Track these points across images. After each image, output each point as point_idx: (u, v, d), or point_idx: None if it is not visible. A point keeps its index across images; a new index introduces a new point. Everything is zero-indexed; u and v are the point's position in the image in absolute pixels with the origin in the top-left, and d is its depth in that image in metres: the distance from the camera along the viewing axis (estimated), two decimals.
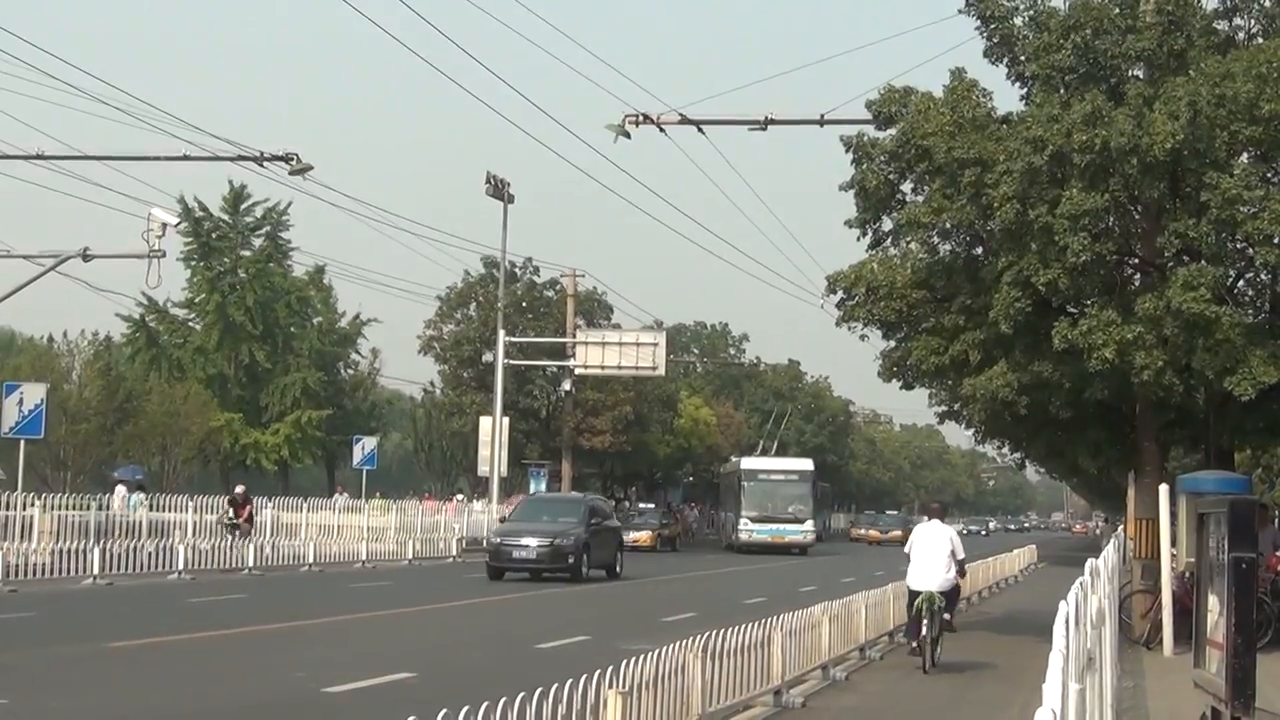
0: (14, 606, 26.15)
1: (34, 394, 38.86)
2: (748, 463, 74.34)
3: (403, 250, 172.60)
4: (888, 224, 26.65)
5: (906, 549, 22.12)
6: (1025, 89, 25.31)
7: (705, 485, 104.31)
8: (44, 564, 32.51)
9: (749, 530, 69.38)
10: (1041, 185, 22.76)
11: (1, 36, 74.92)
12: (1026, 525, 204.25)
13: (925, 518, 23.12)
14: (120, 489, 43.10)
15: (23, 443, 39.26)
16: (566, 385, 72.57)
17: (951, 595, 21.75)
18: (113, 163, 40.01)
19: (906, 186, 26.14)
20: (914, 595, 21.26)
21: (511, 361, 69.08)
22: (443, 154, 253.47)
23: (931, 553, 21.36)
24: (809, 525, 70.50)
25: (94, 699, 15.68)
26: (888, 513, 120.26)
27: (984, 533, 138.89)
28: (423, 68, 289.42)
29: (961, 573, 22.97)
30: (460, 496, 66.34)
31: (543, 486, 69.39)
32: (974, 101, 24.60)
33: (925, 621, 20.96)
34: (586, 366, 69.81)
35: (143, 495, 42.25)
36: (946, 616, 21.52)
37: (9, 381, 44.10)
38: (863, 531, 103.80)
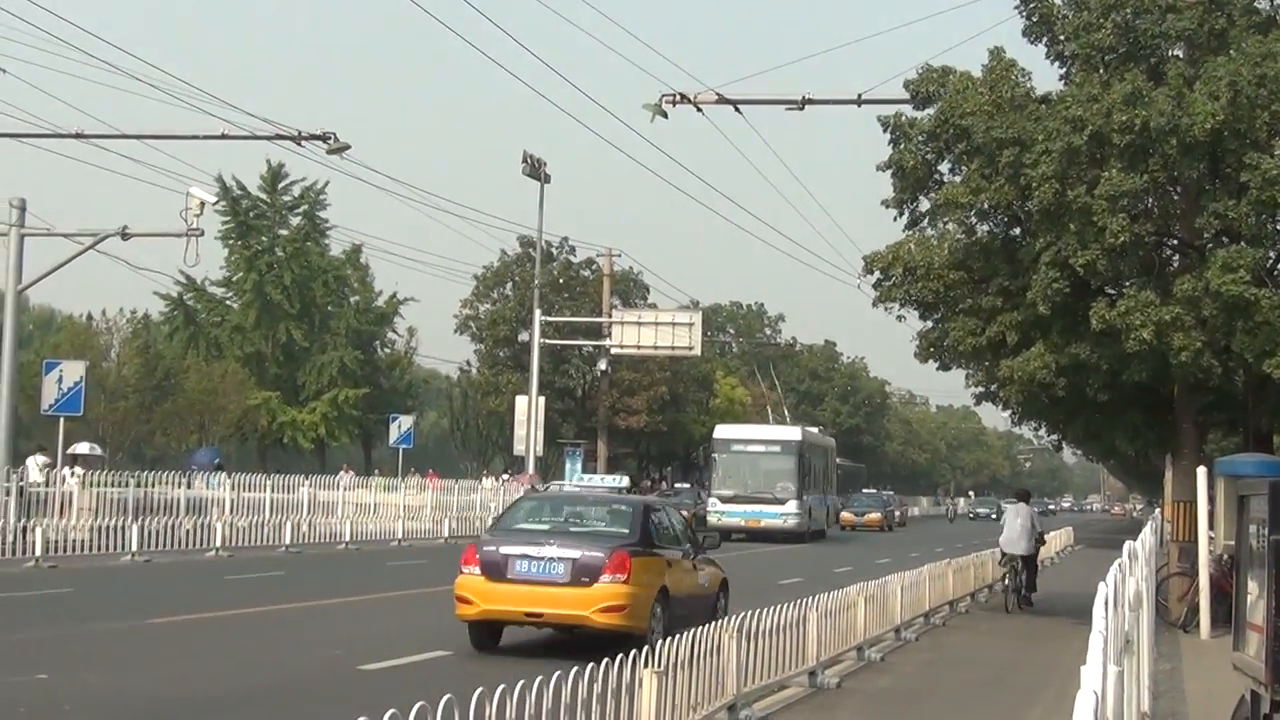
0: (53, 582, 26.29)
1: (73, 372, 38.95)
2: (722, 430, 62.58)
3: (440, 229, 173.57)
4: (925, 204, 26.57)
5: (1001, 522, 30.96)
6: (1064, 69, 25.21)
7: None
8: (83, 540, 32.67)
9: (718, 512, 56.92)
10: (1080, 166, 22.66)
11: (41, 16, 75.01)
12: (1051, 507, 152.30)
13: (1014, 499, 32.23)
14: (202, 473, 43.47)
15: (62, 420, 39.39)
16: (602, 365, 72.58)
17: (1031, 562, 29.57)
18: (151, 141, 40.05)
19: (944, 166, 26.05)
20: (1005, 557, 29.23)
21: (547, 341, 69.11)
22: (480, 133, 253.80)
23: (1018, 526, 29.05)
24: (791, 507, 56.78)
25: (132, 674, 15.77)
26: (864, 491, 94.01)
27: (994, 515, 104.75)
28: (461, 46, 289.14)
29: (1041, 541, 30.83)
30: (506, 476, 66.30)
31: (578, 466, 69.17)
32: (1013, 81, 24.48)
33: (1012, 576, 28.93)
34: (622, 346, 69.78)
35: (224, 475, 42.56)
36: (1027, 592, 29.16)
37: (49, 359, 44.31)
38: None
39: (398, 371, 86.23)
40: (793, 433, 62.69)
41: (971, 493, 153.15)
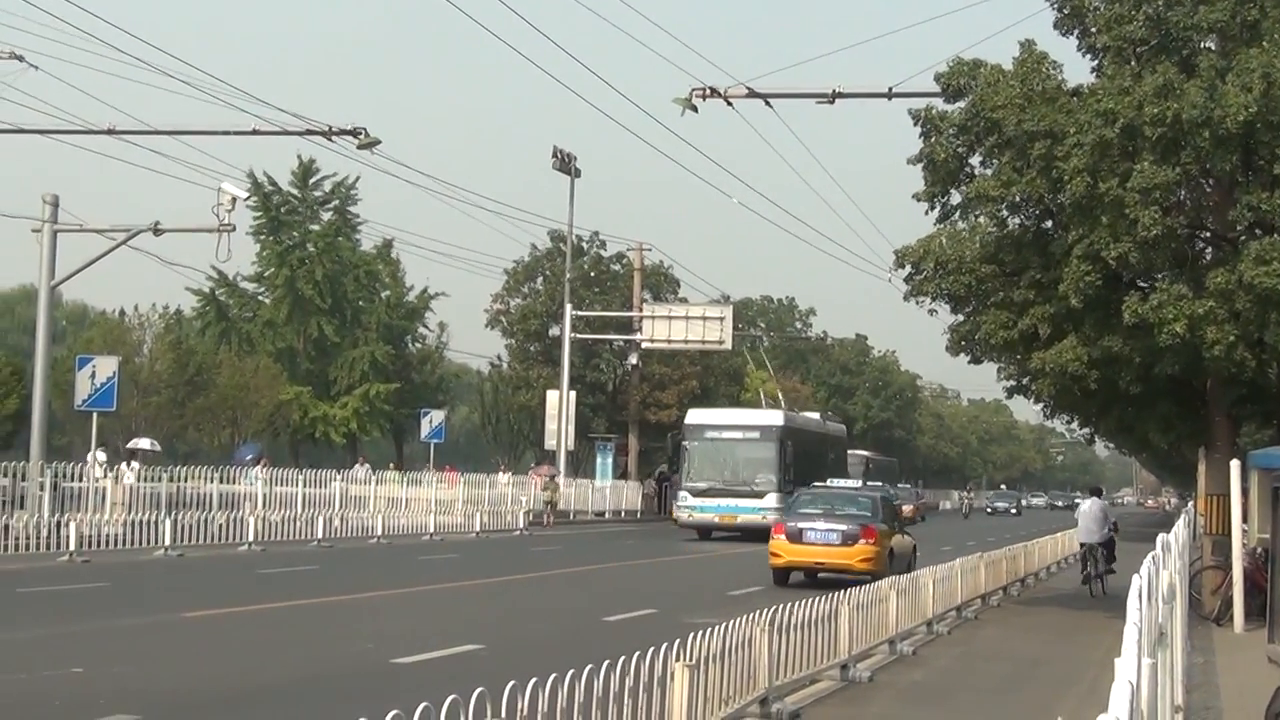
0: (87, 577, 26.42)
1: (106, 367, 39.12)
2: (694, 415, 56.02)
3: (471, 224, 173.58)
4: (956, 197, 26.49)
5: (1076, 515, 34.96)
6: (1096, 61, 25.13)
7: None
8: (116, 535, 32.85)
9: (688, 508, 51.74)
10: (1112, 158, 22.58)
11: (71, 12, 75.37)
12: (1079, 501, 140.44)
13: (1087, 493, 39.36)
14: (250, 468, 43.67)
15: (95, 415, 39.58)
16: (633, 359, 72.60)
17: (1109, 545, 32.97)
18: (183, 137, 40.19)
19: (975, 160, 25.98)
20: (1083, 546, 33.30)
21: (578, 335, 69.20)
22: (510, 128, 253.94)
23: (1092, 518, 33.03)
24: (771, 501, 49.86)
25: (165, 668, 15.84)
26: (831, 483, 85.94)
27: (1014, 510, 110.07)
28: (491, 41, 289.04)
29: (1115, 529, 34.28)
30: (550, 472, 66.27)
31: (609, 461, 69.50)
32: (1044, 74, 24.40)
33: (1090, 563, 32.66)
34: (653, 340, 69.80)
35: (261, 469, 42.74)
36: (1105, 569, 32.28)
37: (82, 355, 44.45)
38: None
39: (429, 366, 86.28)
40: (773, 417, 56.03)
41: (1004, 485, 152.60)
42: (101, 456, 37.60)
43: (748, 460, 51.97)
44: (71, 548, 29.75)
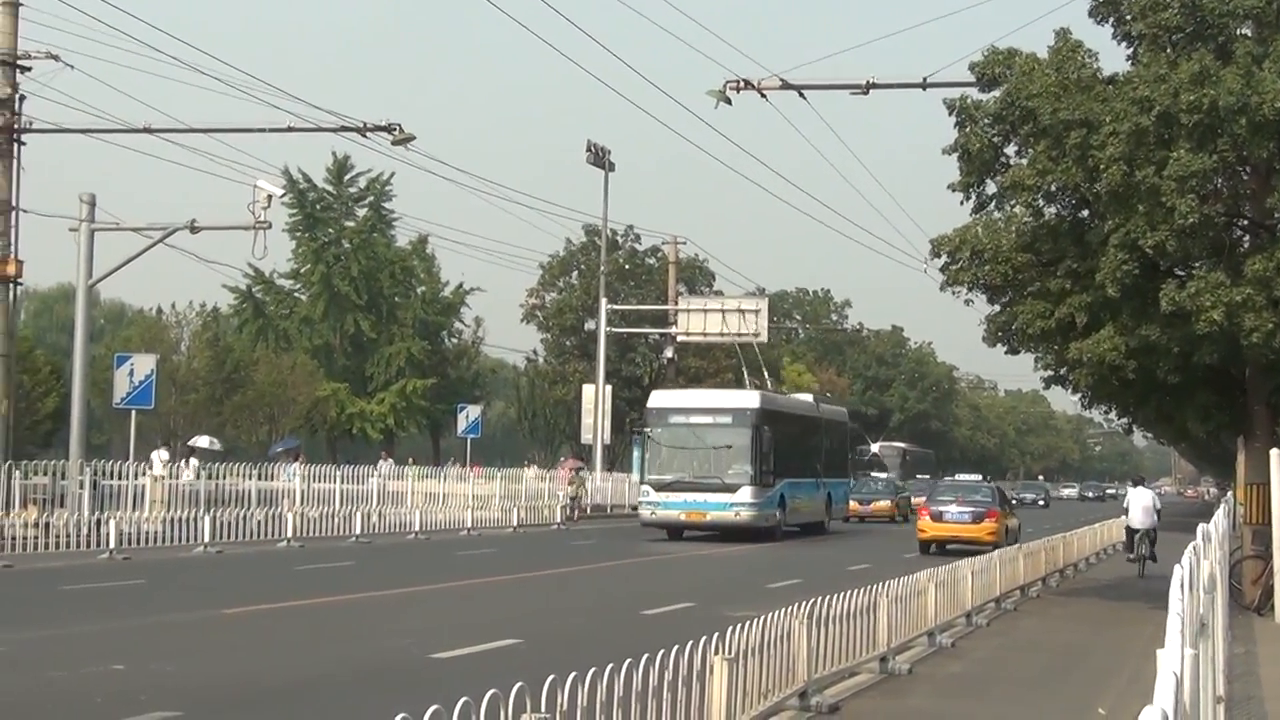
0: (127, 574, 26.55)
1: (144, 365, 39.36)
2: (658, 398, 48.62)
3: (505, 219, 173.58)
4: (992, 187, 26.39)
5: (1125, 504, 37.44)
6: (1131, 49, 25.00)
7: None
8: (156, 532, 33.00)
9: (651, 504, 44.92)
10: (1148, 146, 22.46)
11: (107, 11, 75.62)
12: (1111, 491, 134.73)
13: (1131, 483, 44.00)
14: (290, 464, 43.82)
15: (134, 413, 39.81)
16: (669, 352, 72.56)
17: (1153, 532, 35.67)
18: (218, 135, 40.31)
19: (1010, 149, 25.87)
20: (1130, 531, 35.96)
21: (614, 329, 69.21)
22: (544, 122, 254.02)
23: (1140, 506, 35.66)
24: (745, 495, 43.90)
25: (206, 663, 15.91)
26: (872, 475, 78.96)
27: (1041, 502, 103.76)
28: (524, 35, 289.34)
29: (1158, 514, 36.59)
30: (576, 466, 66.32)
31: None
32: (1079, 62, 24.29)
33: (1140, 546, 35.22)
34: (688, 333, 69.72)
35: (299, 465, 42.91)
36: (1149, 555, 34.85)
37: (120, 353, 44.73)
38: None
39: (465, 361, 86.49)
40: (747, 399, 47.74)
41: (1041, 476, 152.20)
42: (165, 455, 38.10)
43: (719, 448, 44.69)
44: (111, 545, 29.90)
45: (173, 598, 23.33)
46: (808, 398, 59.29)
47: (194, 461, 40.39)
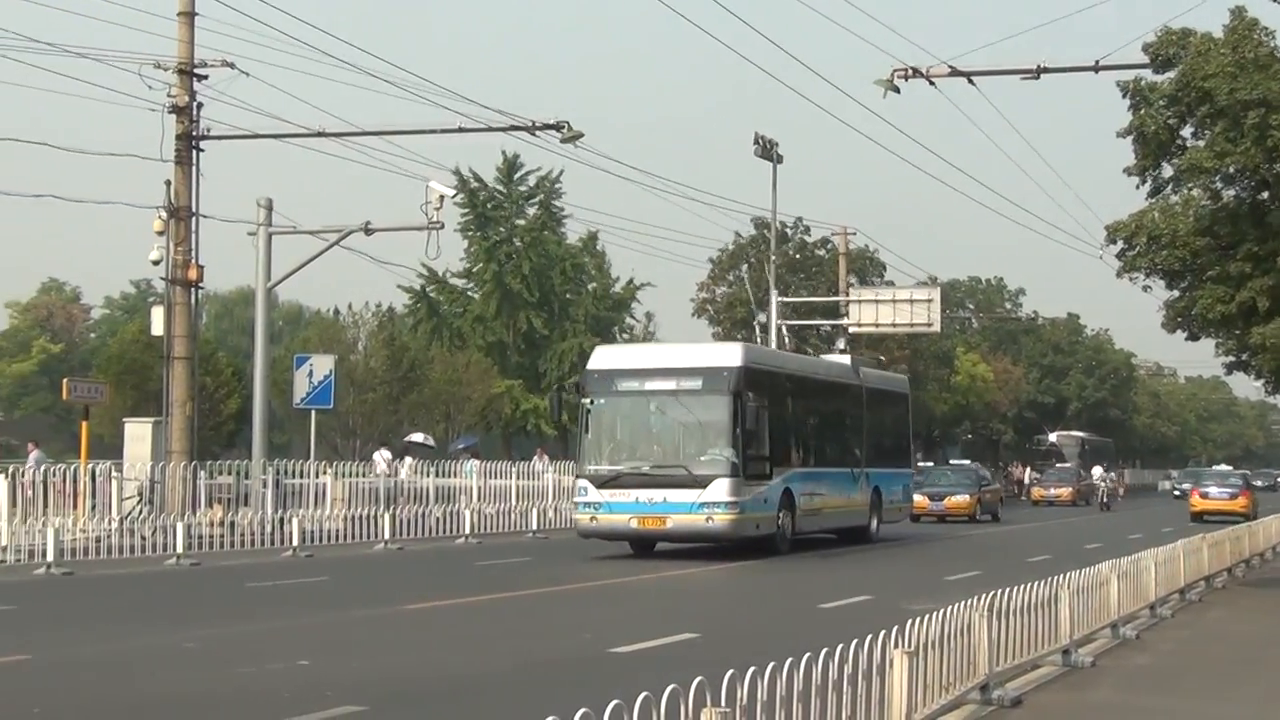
0: (311, 571, 27.04)
1: (323, 365, 40.05)
2: (601, 356, 34.57)
3: (674, 213, 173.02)
4: (1168, 170, 25.96)
5: None
6: None
7: (984, 443, 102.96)
8: (337, 530, 33.59)
9: (590, 505, 31.74)
10: None
11: (279, 18, 77.01)
12: None
13: None
14: (473, 461, 44.42)
15: (314, 413, 40.52)
16: (841, 344, 72.11)
17: None
18: (390, 137, 40.76)
19: (1187, 131, 25.44)
20: None
21: (785, 322, 68.94)
22: (711, 115, 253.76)
23: None
24: (720, 492, 30.69)
25: (390, 658, 16.14)
26: (950, 463, 73.18)
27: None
28: (689, 29, 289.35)
29: None
30: None
31: None
32: (1256, 41, 23.80)
33: None
34: (860, 325, 69.17)
35: (477, 463, 43.54)
36: None
37: (299, 354, 45.50)
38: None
39: None
40: (725, 354, 34.11)
41: (1225, 464, 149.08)
42: (387, 454, 39.28)
43: (683, 425, 32.16)
44: (295, 543, 30.48)
45: (356, 594, 23.70)
46: (844, 359, 44.98)
47: (409, 460, 41.13)
